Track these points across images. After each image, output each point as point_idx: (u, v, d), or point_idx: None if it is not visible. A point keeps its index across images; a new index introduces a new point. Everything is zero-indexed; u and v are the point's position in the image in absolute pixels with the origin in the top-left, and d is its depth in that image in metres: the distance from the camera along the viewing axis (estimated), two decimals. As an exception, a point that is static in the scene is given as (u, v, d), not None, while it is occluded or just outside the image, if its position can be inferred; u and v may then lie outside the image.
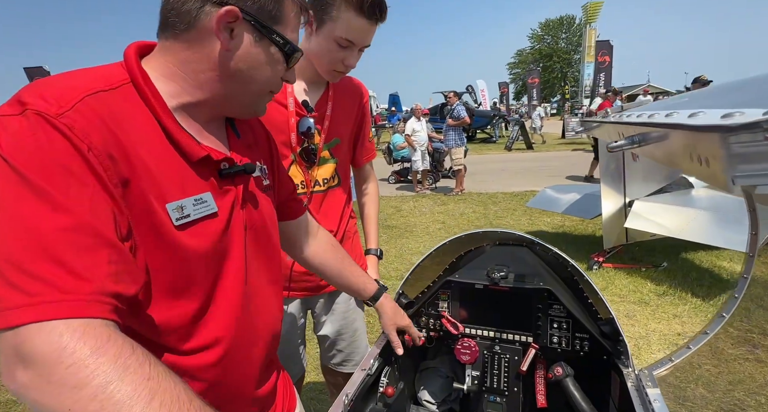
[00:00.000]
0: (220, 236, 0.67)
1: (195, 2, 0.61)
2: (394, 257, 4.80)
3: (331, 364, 1.62)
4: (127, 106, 0.59)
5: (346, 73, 1.26)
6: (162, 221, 0.59)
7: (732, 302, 1.05)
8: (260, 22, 0.64)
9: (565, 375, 1.15)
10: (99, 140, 0.53)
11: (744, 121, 0.33)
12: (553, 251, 1.23)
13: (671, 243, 3.95)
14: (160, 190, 0.59)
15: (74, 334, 0.44)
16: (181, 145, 0.63)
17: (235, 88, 0.68)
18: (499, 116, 19.02)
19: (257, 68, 0.67)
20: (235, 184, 0.72)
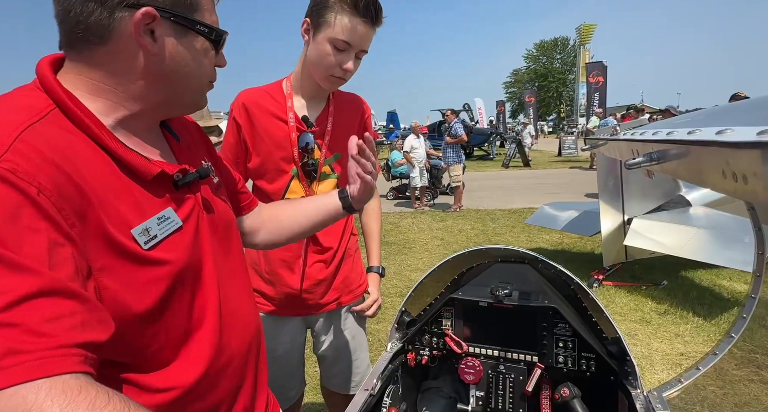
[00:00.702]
0: (191, 248, 0.65)
1: (102, 11, 0.55)
2: (393, 274, 4.76)
3: (330, 385, 1.58)
4: (62, 134, 0.54)
5: (344, 80, 1.23)
6: (131, 247, 0.56)
7: (741, 323, 1.04)
8: (180, 16, 0.59)
9: (573, 396, 1.12)
10: (47, 180, 0.48)
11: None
12: (556, 268, 1.22)
13: (671, 261, 3.95)
14: (121, 217, 0.56)
15: (39, 394, 0.41)
16: (131, 166, 0.59)
17: (172, 90, 0.64)
18: (496, 134, 19.26)
19: (189, 64, 0.63)
20: (193, 192, 0.69)
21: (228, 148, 1.35)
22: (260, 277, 1.41)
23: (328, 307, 1.44)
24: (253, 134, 1.30)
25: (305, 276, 1.38)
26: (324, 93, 1.34)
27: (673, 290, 3.87)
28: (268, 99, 1.31)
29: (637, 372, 1.06)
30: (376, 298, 1.55)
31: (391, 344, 1.36)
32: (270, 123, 1.29)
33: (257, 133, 1.30)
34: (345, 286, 1.47)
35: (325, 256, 1.40)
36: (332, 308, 1.45)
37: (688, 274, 4.21)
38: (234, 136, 1.33)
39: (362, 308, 1.51)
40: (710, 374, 2.68)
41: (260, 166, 1.33)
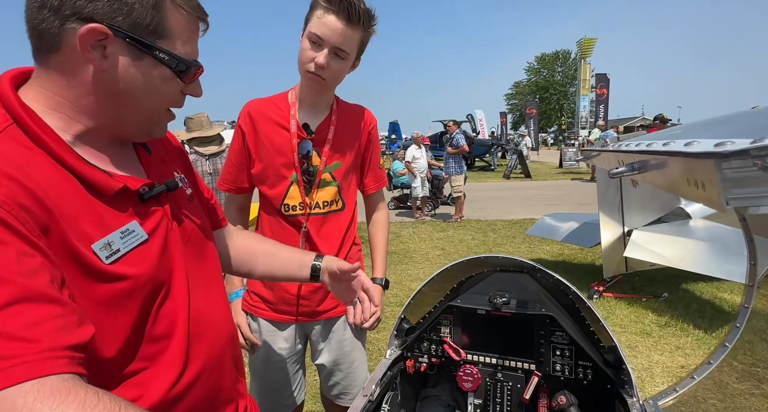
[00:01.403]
0: (158, 260, 0.64)
1: (53, 20, 0.54)
2: (394, 283, 4.76)
3: (330, 395, 1.57)
4: (20, 150, 0.53)
5: (322, 77, 1.23)
6: (92, 262, 0.55)
7: (734, 332, 1.06)
8: (136, 39, 0.58)
9: (569, 404, 1.13)
10: (5, 194, 0.48)
11: (734, 149, 0.37)
12: (554, 278, 1.24)
13: (671, 273, 3.95)
14: (82, 232, 0.55)
15: (28, 397, 0.41)
16: (92, 182, 0.58)
17: (123, 111, 0.63)
18: (497, 145, 19.37)
19: (142, 88, 0.61)
20: (161, 203, 0.69)
21: (233, 155, 1.40)
22: (261, 282, 1.43)
23: (325, 315, 1.44)
24: (256, 141, 1.34)
25: (303, 283, 1.39)
26: (327, 102, 1.38)
27: (674, 302, 3.86)
28: (272, 108, 1.36)
29: (633, 381, 1.07)
30: (376, 311, 1.54)
31: (390, 351, 1.37)
32: (272, 130, 1.33)
33: (260, 140, 1.34)
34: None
35: None
36: (329, 317, 1.46)
37: (689, 286, 4.20)
38: (239, 143, 1.38)
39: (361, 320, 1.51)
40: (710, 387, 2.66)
41: (262, 172, 1.37)
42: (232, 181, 1.42)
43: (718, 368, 1.67)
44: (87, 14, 0.55)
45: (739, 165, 0.37)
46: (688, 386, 1.03)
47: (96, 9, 0.55)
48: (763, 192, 0.37)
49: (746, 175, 0.36)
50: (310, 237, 1.38)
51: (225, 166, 1.44)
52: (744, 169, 0.36)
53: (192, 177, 0.87)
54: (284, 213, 1.36)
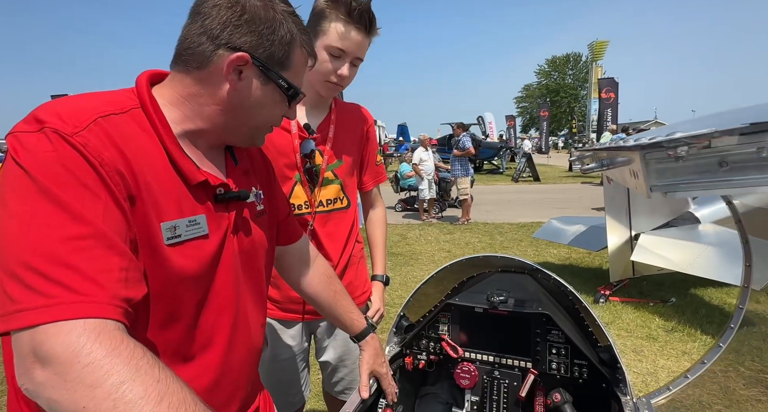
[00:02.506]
0: (210, 259, 0.70)
1: (209, 45, 0.66)
2: (399, 285, 4.78)
3: (333, 392, 1.59)
4: (135, 129, 0.63)
5: (341, 86, 1.29)
6: (156, 238, 0.62)
7: (729, 333, 1.06)
8: (268, 68, 0.69)
9: (564, 402, 1.15)
10: (109, 158, 0.57)
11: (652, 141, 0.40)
12: (553, 278, 1.26)
13: (680, 278, 3.91)
14: (159, 208, 0.62)
15: (90, 335, 0.46)
16: (181, 169, 0.67)
17: (236, 122, 0.73)
18: (505, 148, 19.28)
19: (259, 107, 0.73)
20: (229, 209, 0.75)
21: None
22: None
23: None
24: None
25: None
26: (326, 102, 1.41)
27: (682, 307, 3.82)
28: None
29: (627, 379, 1.08)
30: (378, 307, 1.57)
31: (389, 348, 1.39)
32: (274, 132, 1.36)
33: None
34: (349, 292, 1.50)
35: (329, 261, 1.45)
36: None
37: (698, 291, 4.15)
38: None
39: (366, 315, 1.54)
40: (716, 392, 2.63)
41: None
42: None
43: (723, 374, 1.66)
44: (237, 45, 0.66)
45: (659, 156, 0.39)
46: (681, 385, 1.04)
47: (245, 42, 0.66)
48: (679, 181, 0.40)
49: (666, 166, 0.39)
50: (316, 235, 1.41)
51: None
52: (663, 159, 0.39)
53: (272, 195, 0.94)
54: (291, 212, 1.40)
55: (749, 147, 0.37)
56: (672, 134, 0.38)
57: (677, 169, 0.39)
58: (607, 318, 3.70)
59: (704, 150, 0.38)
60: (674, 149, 0.38)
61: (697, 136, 0.37)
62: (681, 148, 0.38)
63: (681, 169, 0.39)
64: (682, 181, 0.40)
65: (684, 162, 0.39)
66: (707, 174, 0.39)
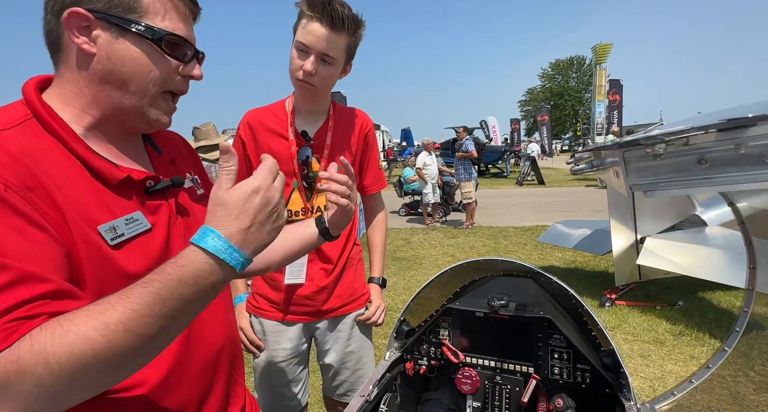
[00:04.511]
0: (161, 251, 0.68)
1: (53, 21, 0.62)
2: (403, 289, 4.77)
3: (335, 395, 1.59)
4: (34, 140, 0.59)
5: (311, 84, 1.27)
6: (98, 243, 0.60)
7: (734, 336, 1.05)
8: (114, 16, 0.63)
9: (566, 407, 1.13)
10: (13, 176, 0.53)
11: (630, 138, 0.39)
12: (555, 282, 1.24)
13: (687, 281, 3.86)
14: (89, 215, 0.60)
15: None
16: (98, 170, 0.63)
17: (119, 94, 0.66)
18: (510, 151, 19.24)
19: (129, 65, 0.65)
20: (166, 198, 0.73)
21: None
22: (266, 283, 1.47)
23: (330, 314, 1.47)
24: (257, 150, 1.39)
25: (307, 283, 1.43)
26: (323, 108, 1.42)
27: (690, 311, 3.77)
28: (270, 117, 1.40)
29: (630, 384, 1.06)
30: (379, 304, 1.57)
31: (389, 353, 1.38)
32: (272, 139, 1.38)
33: (261, 150, 1.38)
34: (347, 294, 1.50)
35: (327, 264, 1.45)
36: (335, 315, 1.49)
37: (706, 295, 4.10)
38: (238, 152, 1.41)
39: (367, 316, 1.54)
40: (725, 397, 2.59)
41: None
42: None
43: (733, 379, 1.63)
44: (70, 3, 0.61)
45: (638, 154, 0.39)
46: (686, 390, 1.02)
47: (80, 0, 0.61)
48: (658, 179, 0.39)
49: (646, 164, 0.39)
50: None
51: None
52: (642, 158, 0.39)
53: (206, 180, 0.91)
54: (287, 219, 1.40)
55: (727, 143, 0.36)
56: (649, 132, 0.37)
57: (656, 167, 0.39)
58: (614, 322, 3.66)
59: (682, 147, 0.38)
60: (652, 147, 0.37)
61: (673, 133, 0.36)
62: (659, 146, 0.37)
63: (660, 168, 0.39)
64: (662, 179, 0.40)
65: (663, 160, 0.38)
66: (686, 172, 0.39)
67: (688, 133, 0.35)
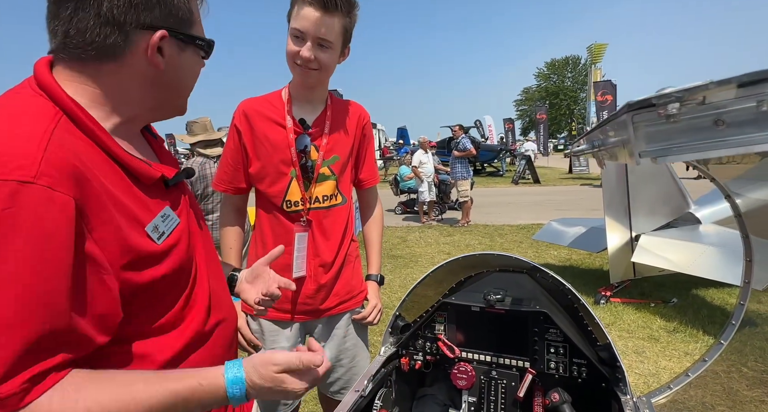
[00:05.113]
0: (188, 242, 0.70)
1: (119, 36, 0.58)
2: (398, 287, 4.76)
3: (329, 392, 1.57)
4: (75, 141, 0.56)
5: (310, 69, 1.26)
6: (148, 244, 0.61)
7: (730, 329, 1.04)
8: (183, 34, 0.65)
9: (562, 402, 1.12)
10: (77, 190, 0.51)
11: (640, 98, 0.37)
12: (551, 276, 1.24)
13: (681, 279, 3.88)
14: (135, 217, 0.60)
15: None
16: (136, 172, 0.63)
17: (168, 95, 0.69)
18: (505, 150, 19.29)
19: (186, 72, 0.69)
20: (181, 191, 0.75)
21: (229, 154, 1.40)
22: None
23: (328, 313, 1.45)
24: (253, 139, 1.35)
25: (306, 281, 1.41)
26: (321, 97, 1.40)
27: (684, 308, 3.78)
28: (267, 106, 1.37)
29: (626, 378, 1.06)
30: (376, 303, 1.55)
31: (385, 348, 1.37)
32: (269, 128, 1.35)
33: (257, 138, 1.35)
34: (345, 292, 1.48)
35: (326, 261, 1.43)
36: (332, 314, 1.46)
37: (700, 292, 4.12)
38: (234, 142, 1.39)
39: (363, 316, 1.52)
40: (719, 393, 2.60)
41: (261, 170, 1.37)
42: (229, 181, 1.42)
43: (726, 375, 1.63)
44: (148, 23, 0.60)
45: (648, 117, 0.37)
46: (682, 383, 1.02)
47: (155, 17, 0.60)
48: (670, 144, 0.38)
49: (656, 128, 0.37)
50: (311, 231, 1.39)
51: (221, 167, 1.43)
52: (653, 121, 0.37)
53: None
54: (286, 210, 1.37)
55: (748, 101, 0.34)
56: (662, 90, 0.36)
57: (668, 131, 0.37)
58: (608, 319, 3.67)
59: (698, 107, 0.36)
60: (665, 107, 0.36)
61: (689, 89, 0.35)
62: (672, 106, 0.35)
63: (672, 131, 0.37)
64: (674, 144, 0.38)
65: (675, 123, 0.36)
66: (701, 135, 0.37)
67: (706, 89, 0.34)
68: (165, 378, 0.58)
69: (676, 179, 3.99)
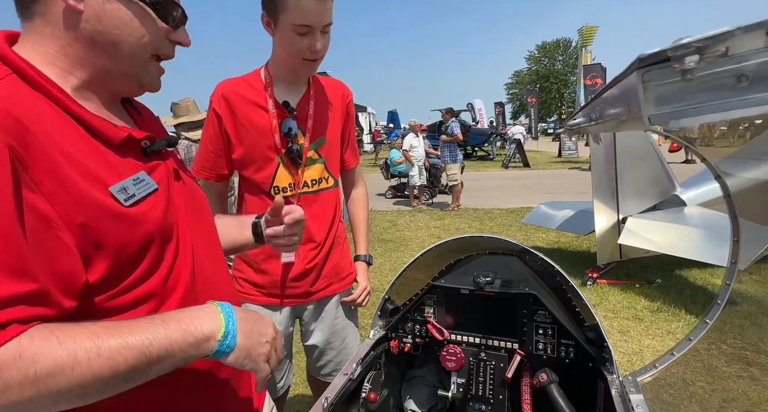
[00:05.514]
0: (165, 211, 0.66)
1: None
2: (389, 271, 4.77)
3: (320, 375, 1.57)
4: (22, 97, 0.54)
5: (317, 60, 1.23)
6: (111, 205, 0.57)
7: (715, 309, 1.05)
8: None
9: (550, 382, 1.13)
10: (11, 137, 0.49)
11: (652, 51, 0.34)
12: (541, 258, 1.23)
13: (666, 260, 3.96)
14: (96, 175, 0.57)
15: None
16: (97, 130, 0.60)
17: (108, 57, 0.63)
18: (496, 134, 19.27)
19: (120, 27, 0.61)
20: (162, 158, 0.71)
21: (208, 140, 1.34)
22: (251, 267, 1.41)
23: (318, 295, 1.44)
24: (235, 124, 1.29)
25: (296, 264, 1.39)
26: (303, 78, 1.34)
27: (667, 288, 3.88)
28: (247, 88, 1.30)
29: (613, 358, 1.07)
30: (365, 286, 1.55)
31: (374, 332, 1.37)
32: (251, 111, 1.29)
33: (239, 123, 1.29)
34: (335, 274, 1.47)
35: (315, 243, 1.41)
36: (322, 296, 1.46)
37: (683, 273, 4.22)
38: (214, 128, 1.32)
39: (352, 298, 1.52)
40: (699, 370, 2.69)
41: (245, 156, 1.32)
42: (210, 168, 1.36)
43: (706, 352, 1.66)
44: None
45: (661, 74, 0.34)
46: (668, 362, 1.03)
47: None
48: (684, 105, 0.35)
49: (669, 87, 0.34)
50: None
51: (200, 153, 1.37)
52: (666, 79, 0.34)
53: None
54: (275, 196, 1.34)
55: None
56: (679, 40, 0.32)
57: (683, 90, 0.34)
58: (594, 300, 3.74)
59: (719, 60, 0.33)
60: (681, 60, 0.32)
61: (712, 37, 0.31)
62: (690, 59, 0.32)
63: (688, 91, 0.34)
64: (689, 105, 0.35)
65: (691, 80, 0.33)
66: (722, 92, 0.34)
67: (731, 37, 0.30)
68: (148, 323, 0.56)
69: (663, 162, 4.03)
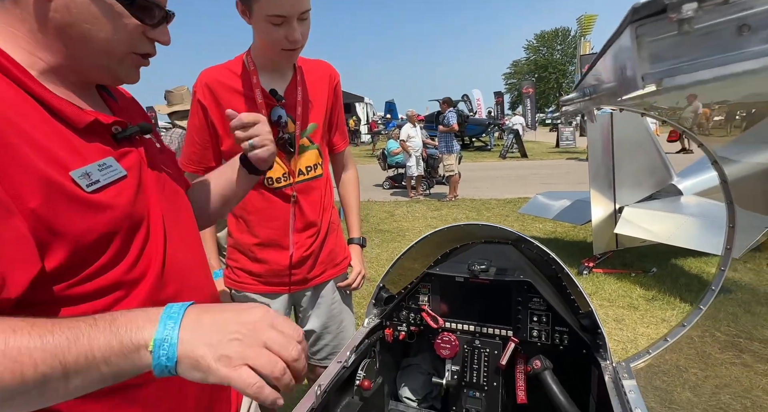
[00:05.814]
0: (133, 199, 0.64)
1: None
2: (386, 261, 4.78)
3: (315, 360, 1.58)
4: None
5: (297, 49, 1.19)
6: (72, 190, 0.55)
7: (709, 295, 1.05)
8: None
9: (544, 368, 1.14)
10: None
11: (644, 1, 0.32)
12: (536, 246, 1.23)
13: (661, 249, 3.98)
14: (57, 159, 0.54)
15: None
16: (63, 113, 0.57)
17: (78, 49, 0.60)
18: (493, 125, 19.19)
19: (91, 22, 0.59)
20: (135, 145, 0.68)
21: (195, 132, 1.30)
22: (247, 257, 1.40)
23: (315, 281, 1.44)
24: (220, 114, 1.26)
25: (293, 251, 1.38)
26: (288, 63, 1.31)
27: (662, 277, 3.90)
28: (231, 76, 1.26)
29: (607, 345, 1.07)
30: (360, 270, 1.55)
31: (368, 320, 1.37)
32: (237, 101, 1.25)
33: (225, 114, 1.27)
34: (330, 259, 1.47)
35: (310, 230, 1.40)
36: (318, 282, 1.45)
37: (678, 261, 4.24)
38: (200, 119, 1.28)
39: (347, 283, 1.52)
40: (692, 357, 2.71)
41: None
42: (198, 161, 1.33)
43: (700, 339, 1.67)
44: None
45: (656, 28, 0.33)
46: (661, 348, 1.04)
47: None
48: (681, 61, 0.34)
49: (664, 42, 0.33)
50: (300, 206, 1.35)
51: (187, 146, 1.34)
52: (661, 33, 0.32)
53: (157, 135, 0.84)
54: (269, 186, 1.32)
55: None
56: None
57: (679, 44, 0.32)
58: (590, 289, 3.76)
59: (719, 8, 0.31)
60: (678, 9, 0.31)
61: None
62: (688, 7, 0.30)
63: (684, 45, 0.32)
64: (685, 61, 0.33)
65: (688, 33, 0.31)
66: (722, 46, 0.32)
67: None
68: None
69: (660, 151, 4.02)
